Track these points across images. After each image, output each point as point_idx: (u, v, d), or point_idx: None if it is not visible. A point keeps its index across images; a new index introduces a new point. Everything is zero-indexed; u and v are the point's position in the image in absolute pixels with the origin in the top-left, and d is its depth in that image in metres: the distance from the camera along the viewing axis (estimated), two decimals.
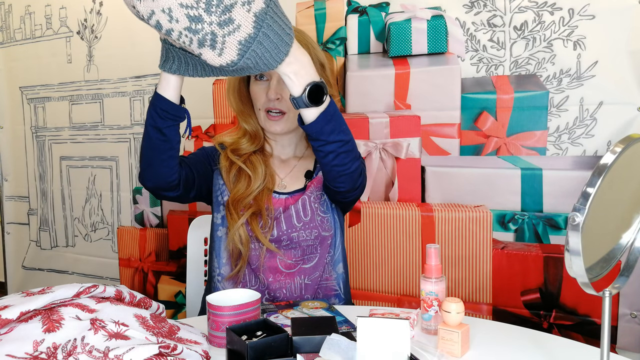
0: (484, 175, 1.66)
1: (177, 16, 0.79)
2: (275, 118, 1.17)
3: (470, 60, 1.65)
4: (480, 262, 1.68)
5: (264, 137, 1.25)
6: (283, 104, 1.16)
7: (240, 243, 1.16)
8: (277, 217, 1.18)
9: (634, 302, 1.50)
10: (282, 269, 1.18)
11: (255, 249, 1.18)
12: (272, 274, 1.18)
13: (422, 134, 1.74)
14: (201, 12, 0.79)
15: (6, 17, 2.66)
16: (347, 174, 1.05)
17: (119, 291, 0.88)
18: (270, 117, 1.17)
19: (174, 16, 0.80)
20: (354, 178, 1.07)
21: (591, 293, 0.71)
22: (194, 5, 0.79)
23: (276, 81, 1.15)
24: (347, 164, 1.03)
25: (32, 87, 2.61)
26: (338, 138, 0.99)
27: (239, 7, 0.81)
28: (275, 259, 1.18)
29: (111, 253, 2.46)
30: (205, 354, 0.84)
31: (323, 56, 1.20)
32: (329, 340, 0.80)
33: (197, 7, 0.79)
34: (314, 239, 1.19)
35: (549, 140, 1.57)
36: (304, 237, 1.18)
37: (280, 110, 1.16)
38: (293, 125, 1.19)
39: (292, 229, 1.18)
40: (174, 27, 0.81)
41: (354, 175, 1.07)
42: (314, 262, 1.20)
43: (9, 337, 0.75)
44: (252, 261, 1.19)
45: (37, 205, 2.67)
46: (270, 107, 1.16)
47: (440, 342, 0.89)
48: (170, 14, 0.79)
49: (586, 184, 0.64)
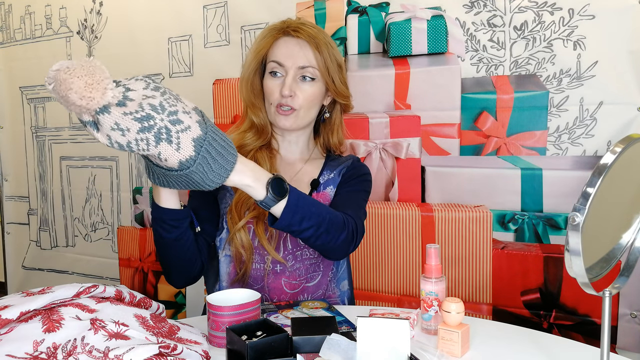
0: (484, 175, 1.66)
1: (127, 125, 0.77)
2: (286, 113, 1.14)
3: (470, 60, 1.65)
4: (480, 262, 1.68)
5: (271, 132, 1.22)
6: (295, 101, 1.14)
7: (242, 247, 1.13)
8: (282, 235, 1.16)
9: (634, 302, 1.50)
10: (287, 289, 1.17)
11: (260, 270, 1.16)
12: (277, 295, 1.17)
13: (422, 134, 1.74)
14: (149, 111, 0.78)
15: (6, 17, 2.66)
16: (336, 247, 1.03)
17: (119, 291, 0.88)
18: (280, 112, 1.15)
19: (123, 127, 0.77)
20: (344, 248, 1.05)
21: (591, 293, 0.71)
22: (139, 109, 0.77)
23: (291, 78, 1.12)
24: (331, 241, 1.01)
25: (32, 87, 2.61)
26: (310, 224, 0.97)
27: (182, 115, 0.81)
28: (280, 280, 1.16)
29: (111, 253, 2.45)
30: (205, 354, 0.84)
31: (341, 57, 1.19)
32: (329, 340, 0.80)
33: (142, 110, 0.78)
34: (317, 256, 1.18)
35: (549, 140, 1.57)
36: (307, 255, 1.17)
37: (292, 107, 1.14)
38: (303, 123, 1.18)
39: (296, 247, 1.16)
40: (128, 137, 0.78)
41: (344, 246, 1.04)
42: (316, 280, 1.19)
43: (9, 337, 0.75)
44: (256, 282, 1.17)
45: (37, 205, 2.67)
46: (283, 103, 1.14)
47: (440, 342, 0.89)
48: (119, 127, 0.77)
49: (586, 184, 0.64)
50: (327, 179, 1.21)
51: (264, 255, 1.15)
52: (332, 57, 1.15)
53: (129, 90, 0.79)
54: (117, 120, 0.76)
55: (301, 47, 1.13)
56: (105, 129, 0.77)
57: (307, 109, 1.16)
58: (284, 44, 1.14)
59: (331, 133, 1.26)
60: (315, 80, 1.15)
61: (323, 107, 1.22)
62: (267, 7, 1.94)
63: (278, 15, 1.68)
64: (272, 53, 1.15)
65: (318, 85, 1.15)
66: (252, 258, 1.15)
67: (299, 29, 1.13)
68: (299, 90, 1.14)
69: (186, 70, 2.14)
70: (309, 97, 1.15)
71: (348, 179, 1.21)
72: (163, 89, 0.83)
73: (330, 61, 1.14)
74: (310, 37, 1.12)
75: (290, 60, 1.13)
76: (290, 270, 1.16)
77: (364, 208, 1.18)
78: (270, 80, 1.15)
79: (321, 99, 1.19)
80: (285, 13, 1.88)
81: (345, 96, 1.20)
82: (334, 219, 1.01)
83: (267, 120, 1.20)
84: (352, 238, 1.05)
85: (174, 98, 0.83)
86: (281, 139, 1.23)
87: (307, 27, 1.14)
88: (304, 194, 0.99)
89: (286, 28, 1.14)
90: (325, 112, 1.23)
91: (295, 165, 1.23)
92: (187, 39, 2.13)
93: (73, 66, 0.72)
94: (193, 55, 2.12)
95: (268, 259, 1.15)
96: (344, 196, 1.18)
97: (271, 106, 1.16)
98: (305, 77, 1.14)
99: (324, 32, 1.17)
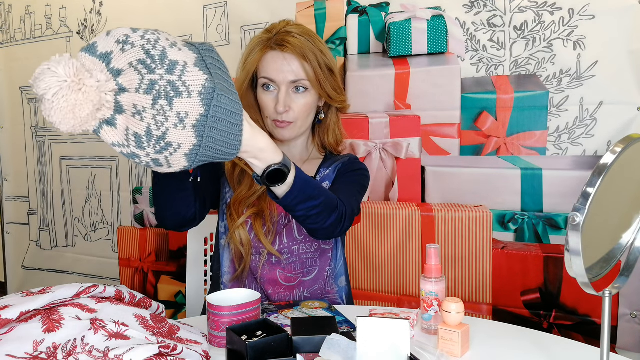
0: (484, 175, 1.66)
1: (120, 150, 0.77)
2: (283, 125, 1.15)
3: (470, 60, 1.65)
4: (480, 262, 1.68)
5: None
6: (291, 115, 1.14)
7: (241, 244, 1.15)
8: (280, 231, 1.17)
9: (634, 302, 1.50)
10: (282, 281, 1.18)
11: (255, 261, 1.18)
12: (272, 286, 1.18)
13: (422, 134, 1.74)
14: (133, 149, 0.76)
15: (6, 17, 2.66)
16: (322, 229, 1.03)
17: (119, 291, 0.88)
18: (278, 125, 1.15)
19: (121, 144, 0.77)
20: (330, 231, 1.05)
21: (591, 293, 0.71)
22: (124, 143, 0.76)
23: (285, 93, 1.12)
24: (319, 222, 1.01)
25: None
26: (305, 206, 0.98)
27: (172, 131, 0.76)
28: (275, 271, 1.17)
29: (111, 253, 2.45)
30: (205, 354, 0.84)
31: (332, 61, 1.17)
32: (329, 340, 0.80)
33: (127, 146, 0.76)
34: (313, 251, 1.19)
35: (549, 140, 1.57)
36: (304, 250, 1.18)
37: (288, 121, 1.14)
38: (301, 131, 1.18)
39: (293, 242, 1.17)
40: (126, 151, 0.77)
41: (329, 229, 1.04)
42: (313, 274, 1.20)
43: (9, 337, 0.75)
44: (253, 271, 1.19)
45: (37, 205, 2.67)
46: (279, 119, 1.14)
47: (440, 342, 0.89)
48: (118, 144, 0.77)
49: (586, 184, 0.64)
50: (323, 176, 1.22)
51: (259, 248, 1.17)
52: (322, 64, 1.13)
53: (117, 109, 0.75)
54: (112, 140, 0.76)
55: (289, 61, 1.11)
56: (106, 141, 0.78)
57: (303, 119, 1.16)
58: (271, 59, 1.13)
59: (326, 133, 1.25)
60: (308, 89, 1.14)
61: (319, 108, 1.22)
62: (267, 7, 1.94)
63: (278, 16, 1.68)
64: (261, 69, 1.14)
65: (312, 93, 1.15)
66: (251, 252, 1.17)
67: (284, 42, 1.11)
68: (293, 104, 1.13)
69: None
70: (304, 107, 1.15)
71: (343, 173, 1.21)
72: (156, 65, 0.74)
73: (320, 70, 1.13)
74: (297, 48, 1.10)
75: (281, 76, 1.12)
76: (286, 263, 1.17)
77: (356, 197, 1.17)
78: (265, 95, 1.15)
79: (316, 104, 1.19)
80: (286, 13, 1.88)
81: (339, 101, 1.20)
82: (328, 204, 1.02)
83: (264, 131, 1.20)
84: (340, 220, 1.05)
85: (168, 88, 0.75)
86: (279, 144, 1.23)
87: (292, 37, 1.11)
88: (303, 176, 0.97)
89: (272, 41, 1.12)
90: (320, 113, 1.23)
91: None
92: (187, 39, 2.13)
93: (52, 99, 0.70)
94: None
95: (264, 251, 1.17)
96: (339, 186, 1.18)
97: (267, 119, 1.17)
98: (298, 88, 1.13)
99: (312, 37, 1.14)
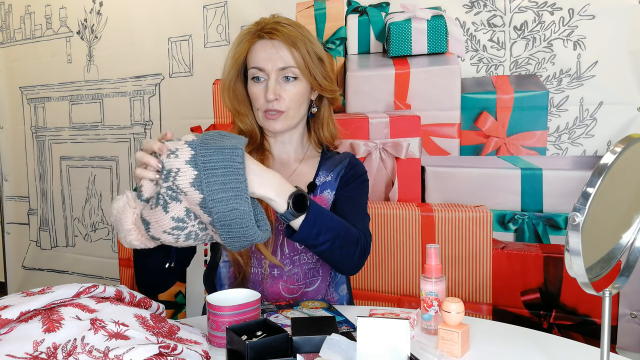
0: (484, 175, 1.66)
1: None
2: (274, 117, 1.13)
3: (470, 60, 1.65)
4: (480, 262, 1.68)
5: (262, 135, 1.21)
6: (282, 104, 1.12)
7: (239, 254, 1.13)
8: (280, 241, 1.16)
9: (634, 302, 1.50)
10: (285, 294, 1.16)
11: (257, 274, 1.16)
12: (275, 300, 1.17)
13: (422, 134, 1.74)
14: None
15: (6, 17, 2.66)
16: (349, 263, 1.05)
17: (119, 291, 0.88)
18: (268, 117, 1.13)
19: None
20: (356, 263, 1.06)
21: (591, 293, 0.71)
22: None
23: (274, 81, 1.11)
24: (345, 255, 1.03)
25: (32, 87, 2.61)
26: (326, 238, 0.98)
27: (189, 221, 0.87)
28: (277, 284, 1.16)
29: (111, 253, 2.45)
30: (205, 354, 0.84)
31: (321, 50, 1.16)
32: (329, 340, 0.80)
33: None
34: (315, 261, 1.18)
35: (549, 140, 1.57)
36: (305, 260, 1.17)
37: (279, 110, 1.13)
38: (293, 122, 1.16)
39: (294, 252, 1.16)
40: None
41: (359, 262, 1.06)
42: (316, 285, 1.19)
43: (9, 337, 0.75)
44: (254, 286, 1.16)
45: (37, 205, 2.67)
46: (270, 108, 1.12)
47: (440, 342, 0.89)
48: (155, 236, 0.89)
49: (586, 184, 0.64)
50: (323, 182, 1.20)
51: (261, 259, 1.15)
52: (311, 52, 1.12)
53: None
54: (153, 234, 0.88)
55: (277, 48, 1.11)
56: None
57: (295, 108, 1.14)
58: (260, 47, 1.12)
59: (321, 127, 1.24)
60: (298, 78, 1.13)
61: (311, 102, 1.21)
62: (267, 7, 1.94)
63: None
64: (250, 59, 1.14)
65: (302, 82, 1.14)
66: (250, 262, 1.15)
67: (273, 31, 1.11)
68: (284, 92, 1.12)
69: (186, 70, 2.14)
70: (295, 96, 1.13)
71: (347, 182, 1.20)
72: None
73: (309, 57, 1.12)
74: (285, 36, 1.10)
75: (270, 64, 1.11)
76: (288, 275, 1.16)
77: (367, 213, 1.19)
78: (254, 86, 1.14)
79: (308, 95, 1.18)
80: (286, 13, 1.86)
81: (330, 90, 1.18)
82: (349, 235, 1.03)
83: (255, 125, 1.19)
84: (363, 253, 1.07)
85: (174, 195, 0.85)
86: (273, 140, 1.22)
87: (281, 26, 1.11)
88: (322, 208, 1.00)
89: (260, 31, 1.12)
90: (313, 106, 1.21)
91: (289, 166, 1.22)
92: (187, 39, 2.13)
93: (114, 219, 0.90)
94: (193, 55, 2.12)
95: (265, 263, 1.15)
96: (347, 205, 1.17)
97: (258, 111, 1.15)
98: (288, 78, 1.12)
99: (300, 27, 1.14)
